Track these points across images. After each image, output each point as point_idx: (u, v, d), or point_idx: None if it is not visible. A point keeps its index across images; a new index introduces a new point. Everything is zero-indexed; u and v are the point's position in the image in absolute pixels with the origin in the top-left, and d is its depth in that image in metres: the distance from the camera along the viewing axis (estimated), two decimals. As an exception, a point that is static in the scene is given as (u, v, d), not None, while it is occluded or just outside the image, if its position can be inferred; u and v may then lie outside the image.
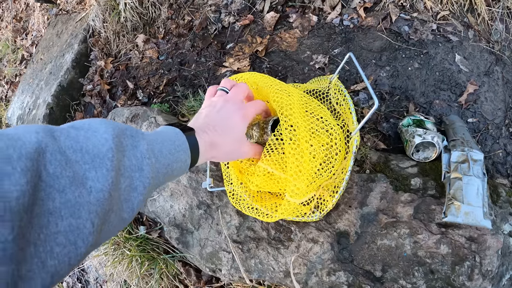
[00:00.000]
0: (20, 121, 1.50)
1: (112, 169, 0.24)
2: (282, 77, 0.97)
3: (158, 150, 0.31)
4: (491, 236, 0.69)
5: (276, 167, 0.54)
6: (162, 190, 0.87)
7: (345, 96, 0.76)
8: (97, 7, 1.32)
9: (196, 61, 1.12)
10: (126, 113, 1.03)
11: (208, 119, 0.40)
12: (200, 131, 0.38)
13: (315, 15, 1.06)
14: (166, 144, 0.33)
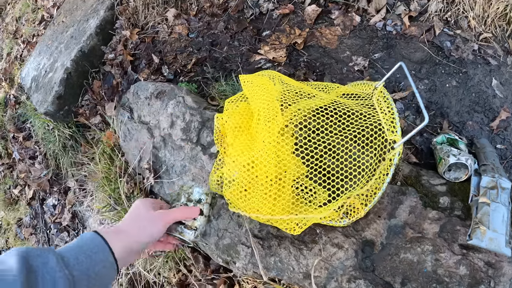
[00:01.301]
0: (35, 82, 1.39)
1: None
2: (320, 74, 0.91)
3: (73, 258, 0.34)
4: (507, 263, 0.67)
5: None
6: (183, 174, 0.81)
7: (389, 104, 0.72)
8: (128, -29, 1.20)
9: (229, 44, 1.04)
10: (151, 88, 0.95)
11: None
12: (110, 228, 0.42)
13: (358, 15, 0.99)
14: (84, 249, 0.35)
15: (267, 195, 0.59)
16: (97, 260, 0.35)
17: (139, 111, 0.96)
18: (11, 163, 1.54)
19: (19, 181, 1.47)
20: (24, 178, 1.43)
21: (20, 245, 1.47)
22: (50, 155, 1.36)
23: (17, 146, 1.48)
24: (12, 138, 1.52)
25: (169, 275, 0.99)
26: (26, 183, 1.43)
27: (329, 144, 0.67)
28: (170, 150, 0.85)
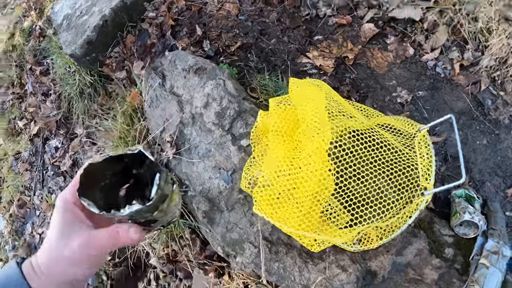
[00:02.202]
0: (67, 21, 1.30)
1: None
2: (363, 96, 0.88)
3: None
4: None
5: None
6: (205, 158, 0.78)
7: (430, 151, 0.70)
8: None
9: (278, 37, 0.99)
10: (190, 61, 0.90)
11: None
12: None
13: (412, 48, 0.96)
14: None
15: (299, 209, 0.58)
16: None
17: (172, 80, 0.91)
18: (22, 94, 1.46)
19: (26, 114, 1.40)
20: (33, 113, 1.36)
21: (11, 178, 1.42)
22: (65, 97, 1.29)
23: (32, 79, 1.40)
24: (28, 70, 1.43)
25: (158, 248, 0.98)
26: (33, 118, 1.36)
27: (360, 170, 0.66)
28: (197, 130, 0.81)
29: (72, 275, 0.30)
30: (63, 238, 0.29)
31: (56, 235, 0.29)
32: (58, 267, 0.29)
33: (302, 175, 0.60)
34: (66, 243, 0.29)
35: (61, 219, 0.29)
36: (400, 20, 0.99)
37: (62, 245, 0.29)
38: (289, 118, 0.70)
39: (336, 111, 0.68)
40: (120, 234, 0.29)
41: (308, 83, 0.73)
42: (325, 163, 0.61)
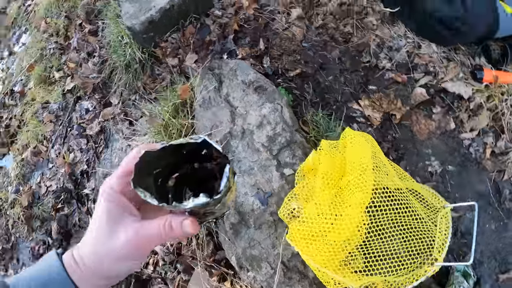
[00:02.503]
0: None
1: None
2: (399, 156, 0.93)
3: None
4: None
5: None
6: (246, 174, 0.82)
7: (448, 228, 0.77)
8: None
9: (336, 76, 1.03)
10: (252, 76, 0.93)
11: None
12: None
13: (454, 123, 1.01)
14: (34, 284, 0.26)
15: (329, 250, 0.63)
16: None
17: (229, 89, 0.94)
18: (65, 46, 1.44)
19: (64, 68, 1.39)
20: (72, 68, 1.36)
21: (32, 124, 1.42)
22: (109, 65, 1.29)
23: (79, 35, 1.39)
24: (78, 25, 1.41)
25: None
26: (71, 74, 1.36)
27: (385, 227, 0.72)
28: (244, 146, 0.85)
29: (117, 270, 0.28)
30: (109, 231, 0.27)
31: (101, 227, 0.27)
32: (103, 261, 0.27)
33: (340, 222, 0.65)
34: (113, 237, 0.27)
35: (106, 210, 0.27)
36: (450, 93, 1.05)
37: (109, 239, 0.27)
38: (337, 164, 0.75)
39: (377, 167, 0.73)
40: (173, 227, 0.26)
41: (361, 136, 0.78)
42: (361, 217, 0.67)
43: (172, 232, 0.26)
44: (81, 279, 0.27)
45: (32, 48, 1.51)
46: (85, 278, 0.27)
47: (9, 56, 1.67)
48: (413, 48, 1.10)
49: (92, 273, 0.27)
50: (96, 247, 0.27)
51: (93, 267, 0.27)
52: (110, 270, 0.27)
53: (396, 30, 1.13)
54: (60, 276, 0.26)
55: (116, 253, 0.26)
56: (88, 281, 0.28)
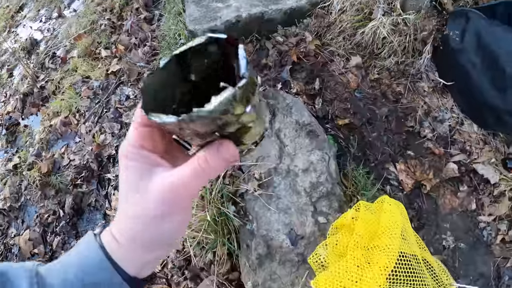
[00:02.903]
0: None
1: None
2: (420, 225, 0.99)
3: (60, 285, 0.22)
4: None
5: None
6: (282, 212, 0.86)
7: None
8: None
9: (380, 134, 1.07)
10: (306, 119, 0.96)
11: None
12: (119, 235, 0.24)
13: (476, 204, 1.08)
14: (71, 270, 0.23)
15: None
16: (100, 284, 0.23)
17: (282, 125, 0.97)
18: (117, 26, 1.43)
19: (112, 48, 1.39)
20: (120, 51, 1.35)
21: (69, 95, 1.42)
22: (160, 58, 1.30)
23: (133, 19, 1.38)
24: (134, 9, 1.41)
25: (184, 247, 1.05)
26: (119, 56, 1.36)
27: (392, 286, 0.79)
28: (286, 185, 0.89)
29: (159, 234, 0.23)
30: (141, 190, 0.23)
31: (132, 189, 0.23)
32: (141, 227, 0.23)
33: (364, 281, 0.71)
34: (146, 195, 0.23)
35: (133, 170, 0.23)
36: (478, 175, 1.11)
37: (142, 199, 0.23)
38: (371, 227, 0.80)
39: (403, 237, 0.79)
40: (209, 160, 0.21)
41: (396, 206, 0.84)
42: (384, 280, 0.73)
43: (208, 166, 0.21)
44: (125, 256, 0.24)
45: (83, 18, 1.49)
46: (128, 254, 0.24)
47: (58, 18, 1.64)
48: (456, 123, 1.15)
49: (134, 247, 0.24)
50: (131, 213, 0.23)
51: (133, 237, 0.23)
52: (152, 236, 0.23)
53: (444, 102, 1.18)
54: (99, 256, 0.23)
55: (153, 212, 0.22)
56: (133, 257, 0.24)
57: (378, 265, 0.74)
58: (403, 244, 0.80)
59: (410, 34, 1.17)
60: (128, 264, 0.24)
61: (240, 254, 0.92)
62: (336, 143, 1.00)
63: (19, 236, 1.38)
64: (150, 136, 0.23)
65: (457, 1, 1.27)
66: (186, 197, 0.23)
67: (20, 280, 0.22)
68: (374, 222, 0.82)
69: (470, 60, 1.17)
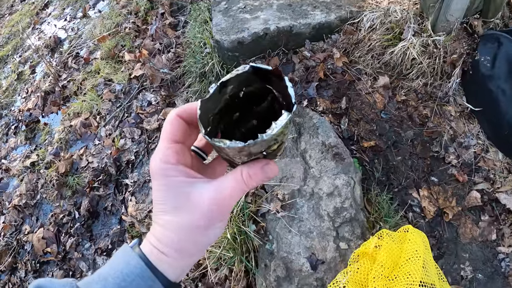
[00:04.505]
0: (226, 3, 1.24)
1: None
2: (440, 254, 0.98)
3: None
4: None
5: None
6: (304, 235, 0.86)
7: None
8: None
9: (405, 158, 1.06)
10: (332, 140, 0.95)
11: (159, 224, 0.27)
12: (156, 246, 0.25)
13: (496, 235, 1.06)
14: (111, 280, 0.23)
15: None
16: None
17: (308, 145, 0.97)
18: (141, 29, 1.43)
19: (136, 52, 1.39)
20: (144, 55, 1.35)
21: (90, 96, 1.42)
22: (184, 66, 1.30)
23: (158, 24, 1.38)
24: (160, 14, 1.40)
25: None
26: (143, 62, 1.36)
27: None
28: (309, 208, 0.88)
29: (206, 241, 0.25)
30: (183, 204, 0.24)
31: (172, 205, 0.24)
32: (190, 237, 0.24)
33: None
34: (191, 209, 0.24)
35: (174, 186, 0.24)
36: (500, 204, 1.09)
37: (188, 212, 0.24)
38: (393, 256, 0.80)
39: (424, 267, 0.78)
40: (253, 177, 0.24)
41: (420, 236, 0.83)
42: None
43: (251, 182, 0.24)
44: (171, 265, 0.25)
45: (108, 20, 1.49)
46: (175, 263, 0.25)
47: (82, 18, 1.64)
48: (481, 150, 1.13)
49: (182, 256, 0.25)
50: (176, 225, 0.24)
51: (181, 247, 0.24)
52: (198, 244, 0.25)
53: (470, 127, 1.15)
54: (139, 265, 0.24)
55: (202, 223, 0.24)
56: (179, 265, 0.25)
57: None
58: (424, 274, 0.79)
59: (439, 56, 1.15)
60: (172, 272, 0.25)
61: (257, 274, 0.92)
62: (360, 166, 0.99)
63: (32, 233, 1.40)
64: (183, 151, 0.25)
65: (487, 23, 1.24)
66: (229, 207, 0.25)
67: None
68: (396, 252, 0.82)
69: (500, 87, 1.15)
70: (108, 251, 1.27)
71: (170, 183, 0.24)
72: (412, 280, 0.74)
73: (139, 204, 1.24)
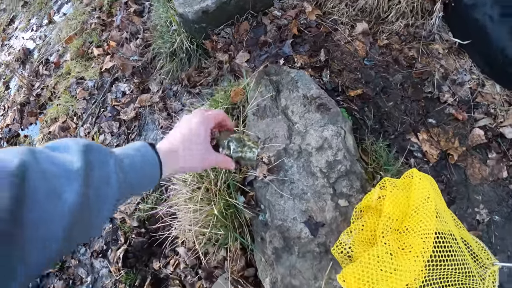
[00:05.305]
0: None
1: (83, 183, 0.25)
2: (451, 199, 0.82)
3: (127, 165, 0.31)
4: None
5: None
6: (297, 198, 0.70)
7: (494, 287, 0.67)
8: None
9: (396, 102, 0.90)
10: (314, 92, 0.80)
11: (172, 134, 0.39)
12: (166, 143, 0.38)
13: (507, 172, 0.90)
14: (136, 159, 0.33)
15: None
16: (147, 176, 0.34)
17: (288, 101, 0.81)
18: (107, 23, 1.28)
19: (104, 45, 1.23)
20: (112, 47, 1.20)
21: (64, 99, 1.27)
22: (153, 49, 1.14)
23: (123, 14, 1.22)
24: (123, 3, 1.24)
25: (193, 239, 0.91)
26: (111, 53, 1.20)
27: (434, 276, 0.62)
28: (299, 167, 0.73)
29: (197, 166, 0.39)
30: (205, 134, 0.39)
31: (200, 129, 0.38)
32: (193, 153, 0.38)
33: (401, 268, 0.55)
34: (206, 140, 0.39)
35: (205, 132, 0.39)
36: (507, 139, 0.93)
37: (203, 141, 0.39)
38: (400, 206, 0.64)
39: (438, 215, 0.62)
40: (227, 162, 0.42)
41: (426, 179, 0.67)
42: (422, 266, 0.57)
43: (225, 163, 0.42)
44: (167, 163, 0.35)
45: (73, 20, 1.34)
46: (171, 163, 0.36)
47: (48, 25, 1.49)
48: (477, 85, 0.97)
49: (177, 162, 0.37)
50: (189, 138, 0.38)
51: (180, 156, 0.37)
52: (191, 163, 0.38)
53: (462, 63, 0.99)
54: (153, 155, 0.34)
55: (204, 152, 0.39)
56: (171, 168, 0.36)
57: (414, 250, 0.58)
58: (438, 223, 0.63)
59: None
60: (165, 170, 0.36)
61: (255, 249, 0.77)
62: (350, 116, 0.83)
63: None
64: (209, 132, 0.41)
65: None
66: (211, 164, 0.42)
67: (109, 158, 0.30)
68: (403, 201, 0.65)
69: (487, 13, 0.97)
70: (103, 252, 1.12)
71: (206, 133, 0.39)
72: (426, 231, 0.58)
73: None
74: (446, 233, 0.62)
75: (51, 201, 0.23)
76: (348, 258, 0.64)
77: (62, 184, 0.24)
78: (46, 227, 0.22)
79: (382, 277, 0.56)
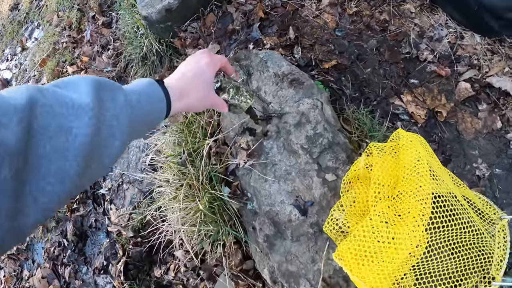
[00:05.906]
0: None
1: (93, 117, 0.24)
2: (446, 158, 0.75)
3: (136, 100, 0.31)
4: None
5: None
6: (282, 180, 0.64)
7: (506, 242, 0.59)
8: None
9: (374, 68, 0.83)
10: (285, 68, 0.73)
11: (179, 71, 0.39)
12: (173, 80, 0.38)
13: (501, 122, 0.82)
14: (143, 95, 0.32)
15: (384, 271, 0.47)
16: (155, 112, 0.33)
17: (260, 82, 0.74)
18: (78, 39, 1.22)
19: (77, 62, 1.18)
20: (85, 62, 1.15)
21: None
22: (124, 57, 1.08)
23: (92, 28, 1.17)
24: (91, 17, 1.19)
25: (192, 242, 0.84)
26: (85, 68, 1.15)
27: (438, 241, 0.55)
28: (280, 147, 0.66)
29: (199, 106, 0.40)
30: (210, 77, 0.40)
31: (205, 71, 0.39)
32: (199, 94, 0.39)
33: (398, 238, 0.48)
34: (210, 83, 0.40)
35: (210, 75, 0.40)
36: (495, 89, 0.85)
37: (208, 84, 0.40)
38: (390, 172, 0.57)
39: (433, 175, 0.55)
40: (224, 105, 0.43)
41: (415, 139, 0.60)
42: (422, 231, 0.50)
43: (221, 106, 0.44)
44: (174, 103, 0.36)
45: (45, 43, 1.29)
46: (177, 104, 0.36)
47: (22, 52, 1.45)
48: (455, 38, 0.89)
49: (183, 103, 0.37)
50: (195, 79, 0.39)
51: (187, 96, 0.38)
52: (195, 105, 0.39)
53: (436, 18, 0.92)
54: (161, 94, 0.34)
55: (201, 95, 0.39)
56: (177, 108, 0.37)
57: (412, 215, 0.51)
58: (435, 184, 0.56)
59: (380, -44, 0.92)
60: (174, 105, 0.36)
61: (249, 240, 0.70)
62: (327, 88, 0.76)
63: (33, 276, 1.20)
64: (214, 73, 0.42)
65: None
66: (210, 105, 0.42)
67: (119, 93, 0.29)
68: (393, 165, 0.58)
69: (455, -38, 0.91)
70: (104, 268, 1.06)
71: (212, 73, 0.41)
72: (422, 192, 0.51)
73: (119, 210, 1.03)
74: (444, 193, 0.55)
75: (62, 136, 0.22)
76: (342, 234, 0.57)
77: (72, 120, 0.23)
78: (58, 162, 0.21)
79: (381, 249, 0.49)
